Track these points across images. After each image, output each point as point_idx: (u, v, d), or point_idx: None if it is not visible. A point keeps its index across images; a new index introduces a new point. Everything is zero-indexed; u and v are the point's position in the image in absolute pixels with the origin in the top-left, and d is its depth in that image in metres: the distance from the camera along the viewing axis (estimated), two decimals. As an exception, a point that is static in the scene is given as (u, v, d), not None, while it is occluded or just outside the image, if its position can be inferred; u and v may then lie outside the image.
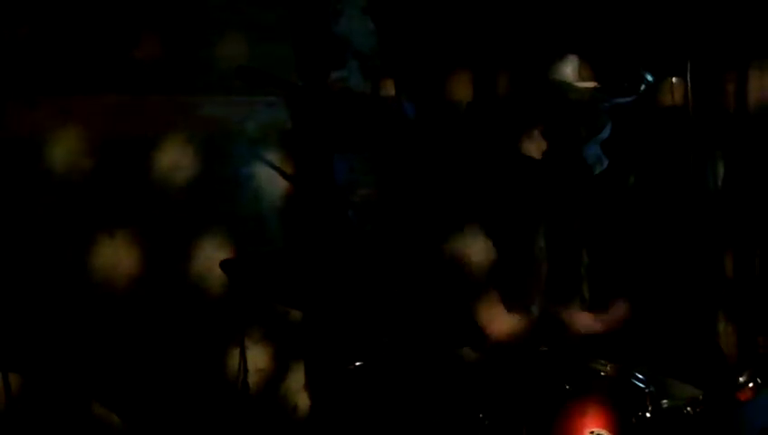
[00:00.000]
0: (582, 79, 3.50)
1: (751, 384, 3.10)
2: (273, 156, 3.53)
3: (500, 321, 3.56)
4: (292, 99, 3.54)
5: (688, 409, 3.06)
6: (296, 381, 3.55)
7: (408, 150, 3.57)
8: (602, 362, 3.18)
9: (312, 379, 3.54)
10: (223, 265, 3.14)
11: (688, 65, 3.59)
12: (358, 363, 3.17)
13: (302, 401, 3.55)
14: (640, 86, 3.50)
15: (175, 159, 3.40)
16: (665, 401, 3.11)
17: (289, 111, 3.55)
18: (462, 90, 3.69)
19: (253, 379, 3.38)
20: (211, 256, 3.38)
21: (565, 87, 3.48)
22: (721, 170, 3.78)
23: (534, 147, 3.55)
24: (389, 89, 3.62)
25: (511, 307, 3.60)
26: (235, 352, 3.36)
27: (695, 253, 3.71)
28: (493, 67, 3.69)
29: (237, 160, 3.51)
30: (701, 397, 3.09)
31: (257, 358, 3.47)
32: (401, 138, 3.57)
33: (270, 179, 3.52)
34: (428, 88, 3.66)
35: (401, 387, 3.31)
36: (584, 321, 3.55)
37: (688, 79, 3.60)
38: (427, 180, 3.58)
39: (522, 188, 3.57)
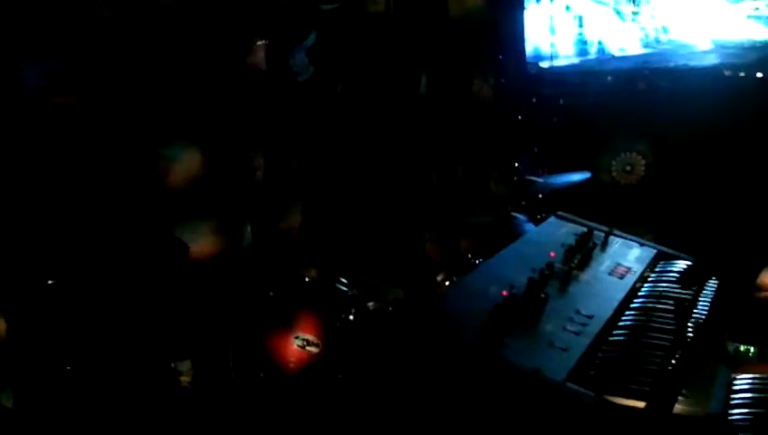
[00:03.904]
0: (286, -17, 3.43)
1: (447, 282, 3.24)
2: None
3: (206, 235, 3.46)
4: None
5: (390, 308, 3.14)
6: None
7: (109, 53, 3.33)
8: (306, 268, 3.18)
9: (2, 301, 3.27)
10: None
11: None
12: (50, 282, 2.96)
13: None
14: (344, -8, 3.48)
15: None
16: (371, 303, 3.17)
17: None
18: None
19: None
20: None
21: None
22: (424, 79, 3.86)
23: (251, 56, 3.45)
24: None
25: (224, 221, 3.51)
26: None
27: (401, 161, 3.78)
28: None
29: None
30: (403, 297, 3.18)
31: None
32: (99, 39, 3.33)
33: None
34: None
35: (99, 303, 3.14)
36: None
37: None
38: (132, 86, 3.37)
39: (230, 98, 3.46)
